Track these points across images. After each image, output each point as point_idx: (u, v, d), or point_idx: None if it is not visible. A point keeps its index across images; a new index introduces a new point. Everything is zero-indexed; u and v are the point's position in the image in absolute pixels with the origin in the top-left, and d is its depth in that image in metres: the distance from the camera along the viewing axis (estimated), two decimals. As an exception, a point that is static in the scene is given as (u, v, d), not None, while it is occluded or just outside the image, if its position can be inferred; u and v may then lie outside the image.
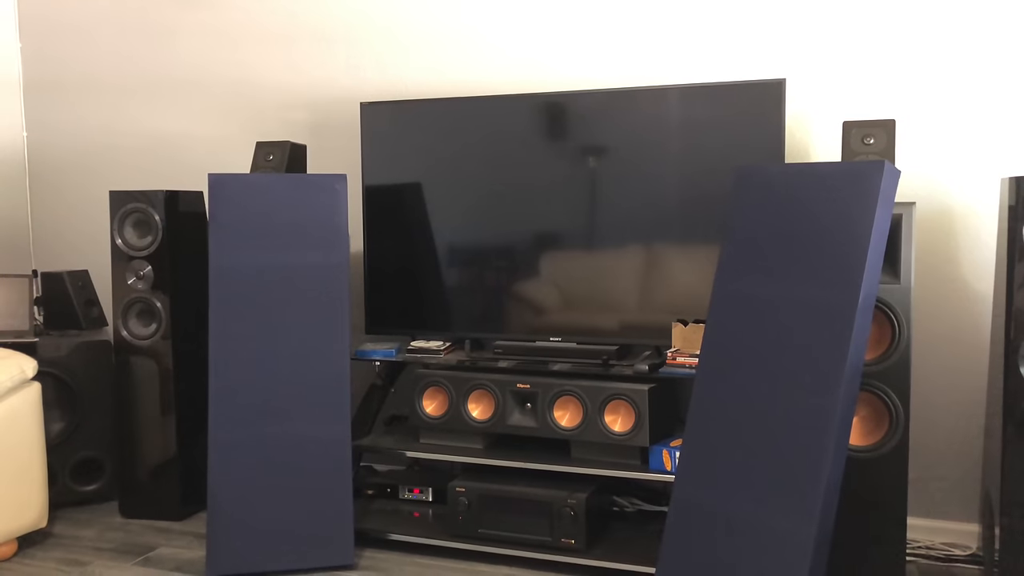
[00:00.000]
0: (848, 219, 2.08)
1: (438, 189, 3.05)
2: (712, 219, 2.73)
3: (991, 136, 2.74)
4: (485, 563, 2.73)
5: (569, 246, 2.91)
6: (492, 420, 2.82)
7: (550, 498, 2.67)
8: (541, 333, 2.95)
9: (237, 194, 2.71)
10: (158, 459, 3.13)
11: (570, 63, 3.14)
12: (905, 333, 2.39)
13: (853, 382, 2.04)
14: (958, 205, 2.78)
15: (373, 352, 3.05)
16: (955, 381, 2.81)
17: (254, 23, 3.56)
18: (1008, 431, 2.36)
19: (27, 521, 2.82)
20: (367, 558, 2.78)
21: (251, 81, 3.59)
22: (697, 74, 2.99)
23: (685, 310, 2.78)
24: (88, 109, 3.87)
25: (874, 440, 2.42)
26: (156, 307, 3.09)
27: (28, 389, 2.83)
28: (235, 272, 2.69)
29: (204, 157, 3.69)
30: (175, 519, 3.14)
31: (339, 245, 2.74)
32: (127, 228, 3.11)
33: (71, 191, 3.92)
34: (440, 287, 3.06)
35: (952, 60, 2.75)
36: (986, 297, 2.76)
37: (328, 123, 3.48)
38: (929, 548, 2.77)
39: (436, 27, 3.30)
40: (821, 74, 2.87)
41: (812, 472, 2.00)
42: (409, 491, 3.12)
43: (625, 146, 2.82)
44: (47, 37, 3.90)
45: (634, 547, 2.68)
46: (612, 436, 2.67)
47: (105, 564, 2.78)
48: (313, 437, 2.68)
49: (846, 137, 2.53)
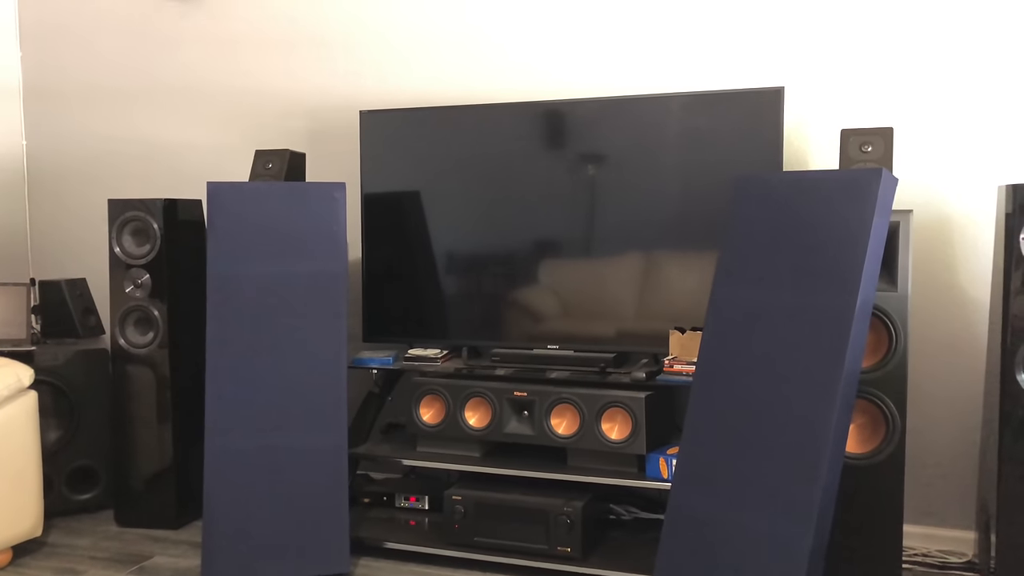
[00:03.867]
0: (846, 227, 2.08)
1: (437, 197, 3.05)
2: (710, 227, 2.74)
3: (988, 144, 2.74)
4: (481, 571, 2.72)
5: (567, 254, 2.91)
6: (489, 428, 2.82)
7: (547, 506, 2.67)
8: (538, 341, 2.95)
9: (236, 202, 2.71)
10: (154, 468, 3.12)
11: (569, 71, 3.15)
12: (902, 340, 2.39)
13: (850, 389, 2.04)
14: (955, 213, 2.79)
15: (370, 360, 3.05)
16: (952, 388, 2.81)
17: (253, 31, 3.57)
18: (1004, 438, 2.36)
19: (22, 530, 2.81)
20: (363, 566, 2.77)
21: (250, 89, 3.59)
22: (696, 82, 3.00)
23: (682, 318, 2.78)
24: (87, 117, 3.87)
25: (871, 447, 2.43)
26: (154, 315, 3.09)
27: (25, 397, 2.83)
28: (233, 280, 2.69)
29: (203, 165, 3.69)
30: (171, 528, 3.14)
31: (337, 253, 2.74)
32: (125, 236, 3.11)
33: (70, 199, 3.92)
34: (438, 295, 3.06)
35: (950, 69, 2.76)
36: (983, 304, 2.76)
37: (327, 131, 3.48)
38: (925, 555, 2.77)
39: (436, 35, 3.31)
40: (819, 82, 2.88)
41: (808, 479, 2.00)
42: (406, 499, 3.11)
43: (624, 154, 2.82)
44: (47, 44, 3.91)
45: (631, 555, 2.67)
46: (609, 444, 2.67)
47: (100, 573, 2.77)
48: (310, 445, 2.68)
49: (844, 145, 2.54)
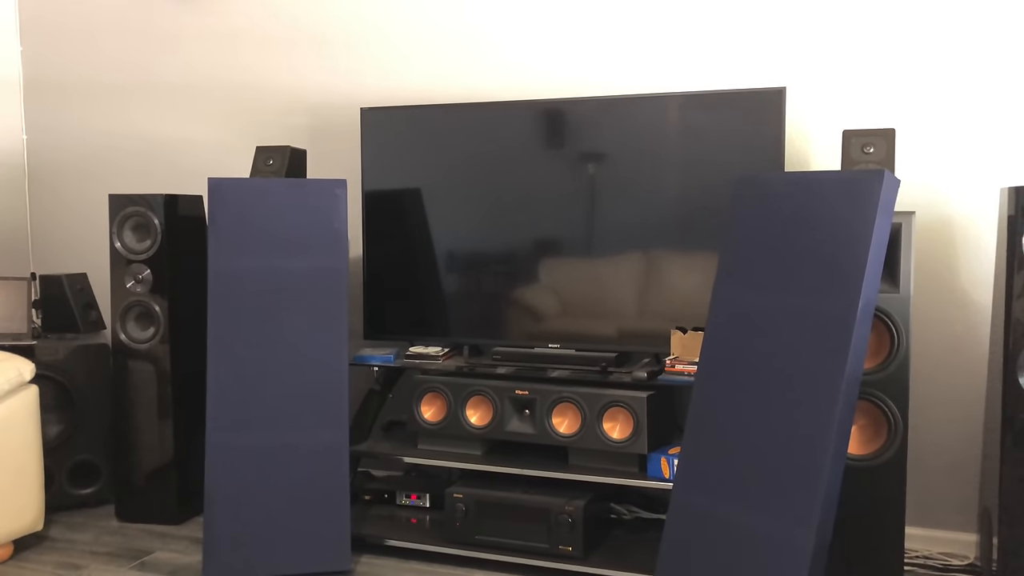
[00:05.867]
0: (847, 228, 2.08)
1: (438, 195, 3.05)
2: (711, 227, 2.73)
3: (991, 146, 2.74)
4: (482, 570, 2.72)
5: (568, 252, 2.91)
6: (490, 426, 2.82)
7: (548, 505, 2.67)
8: (540, 340, 2.95)
9: (237, 198, 2.71)
10: (155, 463, 3.12)
11: (570, 70, 3.15)
12: (904, 342, 2.39)
13: (852, 391, 2.04)
14: (957, 215, 2.78)
15: (371, 357, 3.05)
16: (954, 390, 2.81)
17: (255, 28, 3.57)
18: (1006, 441, 2.36)
19: (23, 524, 2.82)
20: (364, 564, 2.78)
21: (251, 85, 3.59)
22: (697, 82, 2.99)
23: (684, 317, 2.78)
24: (88, 112, 3.87)
25: (872, 449, 2.42)
26: (154, 311, 3.09)
27: (25, 392, 2.83)
28: (234, 276, 2.69)
29: (204, 161, 3.69)
30: (172, 523, 3.14)
31: (338, 250, 2.74)
32: (126, 231, 3.11)
33: (70, 194, 3.92)
34: (439, 293, 3.06)
35: (952, 70, 2.76)
36: (985, 307, 2.76)
37: (328, 128, 3.48)
38: (927, 558, 2.77)
39: (437, 33, 3.31)
40: (821, 83, 2.88)
41: (810, 480, 2.00)
42: (407, 497, 3.11)
43: (625, 153, 2.82)
44: (48, 40, 3.91)
45: (632, 555, 2.67)
46: (610, 443, 2.67)
47: (101, 568, 2.78)
48: (311, 442, 2.68)
49: (846, 146, 2.54)
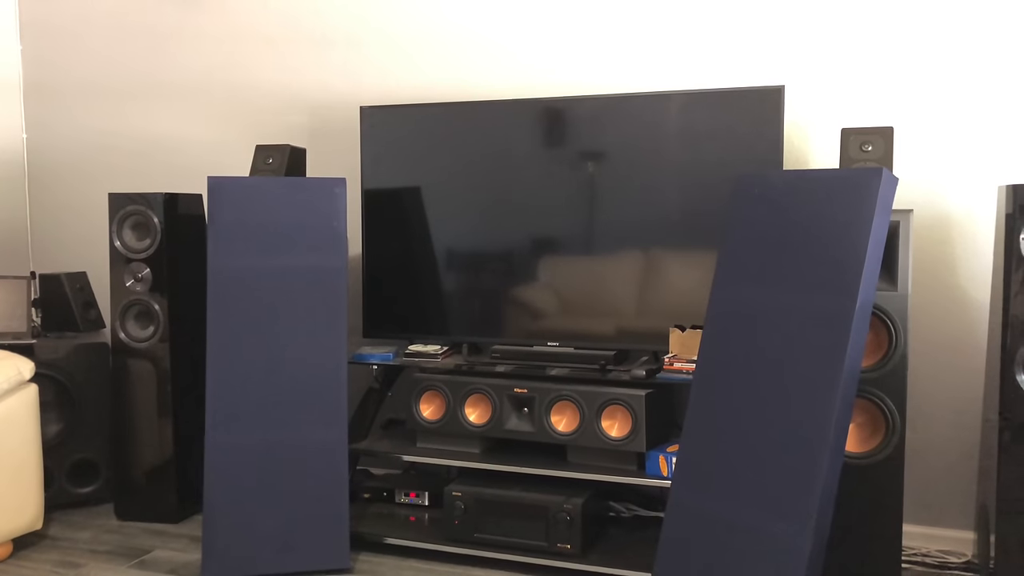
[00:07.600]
0: (846, 226, 2.08)
1: (437, 193, 3.05)
2: (710, 225, 2.74)
3: (989, 144, 2.74)
4: (481, 567, 2.73)
5: (567, 251, 2.91)
6: (489, 424, 2.82)
7: (546, 503, 2.67)
8: (539, 338, 2.95)
9: (236, 197, 2.71)
10: (154, 461, 3.13)
11: (570, 68, 3.15)
12: (902, 340, 2.39)
13: (850, 389, 2.04)
14: (956, 213, 2.79)
15: (371, 356, 3.05)
16: (952, 388, 2.81)
17: (254, 27, 3.57)
18: (1004, 438, 2.36)
19: (22, 523, 2.82)
20: (363, 562, 2.78)
21: (251, 84, 3.59)
22: (696, 80, 3.00)
23: (683, 316, 2.78)
24: (88, 111, 3.87)
25: (870, 447, 2.43)
26: (154, 309, 3.09)
27: (25, 391, 2.83)
28: (233, 275, 2.69)
29: (203, 160, 3.69)
30: (171, 522, 3.14)
31: (338, 249, 2.74)
32: (126, 230, 3.11)
33: (70, 193, 3.92)
34: (438, 291, 3.06)
35: (950, 68, 2.76)
36: (983, 305, 2.77)
37: (328, 127, 3.48)
38: (925, 555, 2.77)
39: (436, 32, 3.31)
40: (820, 81, 2.88)
41: (808, 478, 2.00)
42: (405, 495, 3.11)
43: (624, 151, 2.82)
44: (47, 40, 3.91)
45: (630, 552, 2.68)
46: (609, 441, 2.67)
47: (100, 567, 2.78)
48: (310, 440, 2.68)
49: (844, 144, 2.54)
